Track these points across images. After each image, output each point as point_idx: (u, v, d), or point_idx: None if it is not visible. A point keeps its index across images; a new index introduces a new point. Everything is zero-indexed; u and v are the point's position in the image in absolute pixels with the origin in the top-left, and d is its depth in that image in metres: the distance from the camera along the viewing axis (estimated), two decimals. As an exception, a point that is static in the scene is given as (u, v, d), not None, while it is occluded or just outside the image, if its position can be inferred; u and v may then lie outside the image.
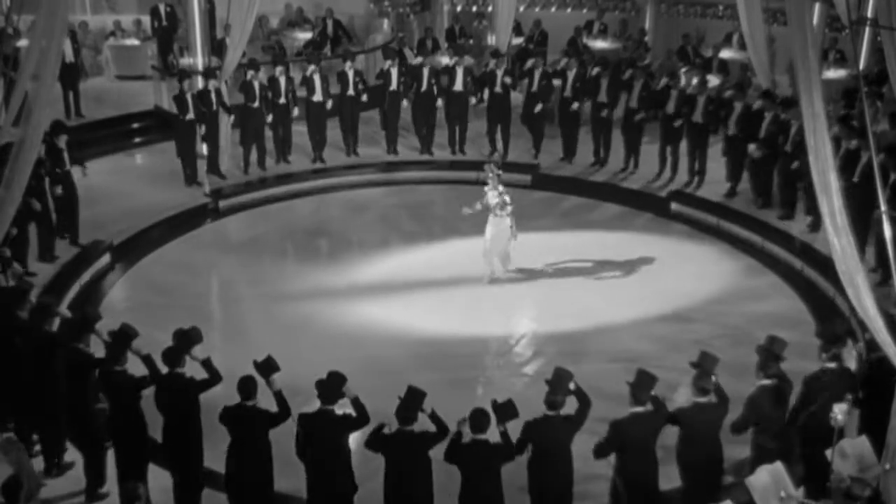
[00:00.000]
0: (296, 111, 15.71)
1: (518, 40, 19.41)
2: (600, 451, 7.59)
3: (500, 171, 12.00)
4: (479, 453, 7.30)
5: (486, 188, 11.98)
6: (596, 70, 16.01)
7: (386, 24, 20.48)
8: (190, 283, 12.39)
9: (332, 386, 7.53)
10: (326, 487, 7.64)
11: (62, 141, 12.74)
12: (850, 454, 7.65)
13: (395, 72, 16.03)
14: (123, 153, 15.98)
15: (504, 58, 16.58)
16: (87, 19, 19.57)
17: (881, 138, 12.88)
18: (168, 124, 15.45)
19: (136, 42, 19.22)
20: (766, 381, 7.85)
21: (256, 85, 15.12)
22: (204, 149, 15.24)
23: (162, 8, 18.33)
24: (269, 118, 15.42)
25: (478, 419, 7.25)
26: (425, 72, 16.10)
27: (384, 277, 12.55)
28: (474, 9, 21.50)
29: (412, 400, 7.44)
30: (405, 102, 16.41)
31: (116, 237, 13.26)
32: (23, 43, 11.95)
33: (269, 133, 15.66)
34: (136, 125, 16.81)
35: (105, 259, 12.74)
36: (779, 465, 7.43)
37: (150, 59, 18.62)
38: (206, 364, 8.07)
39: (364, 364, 9.16)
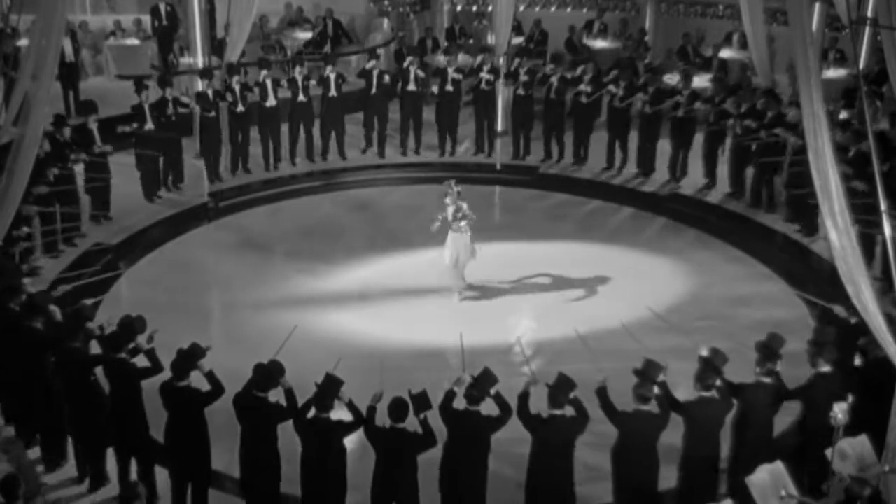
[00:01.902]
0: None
1: (518, 40, 19.41)
2: (522, 406, 7.64)
3: (459, 189, 11.68)
4: (395, 440, 7.44)
5: (446, 202, 11.64)
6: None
7: (386, 23, 20.47)
8: (188, 282, 12.39)
9: (269, 375, 7.70)
10: (257, 470, 7.86)
11: (92, 121, 13.12)
12: (850, 454, 7.65)
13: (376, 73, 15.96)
14: (123, 153, 15.94)
15: (454, 57, 16.58)
16: (87, 19, 19.55)
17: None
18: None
19: (136, 42, 19.20)
20: (705, 393, 7.77)
21: (211, 94, 14.83)
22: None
23: (162, 7, 18.33)
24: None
25: (397, 410, 7.39)
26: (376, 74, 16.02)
27: (381, 280, 12.54)
28: (474, 8, 21.50)
29: (329, 388, 7.58)
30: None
31: (116, 237, 13.29)
32: (23, 42, 11.97)
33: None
34: (136, 125, 16.75)
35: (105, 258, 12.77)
36: (779, 464, 7.43)
37: (151, 58, 18.61)
38: (149, 354, 8.26)
39: (359, 365, 9.13)
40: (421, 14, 21.37)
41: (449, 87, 16.17)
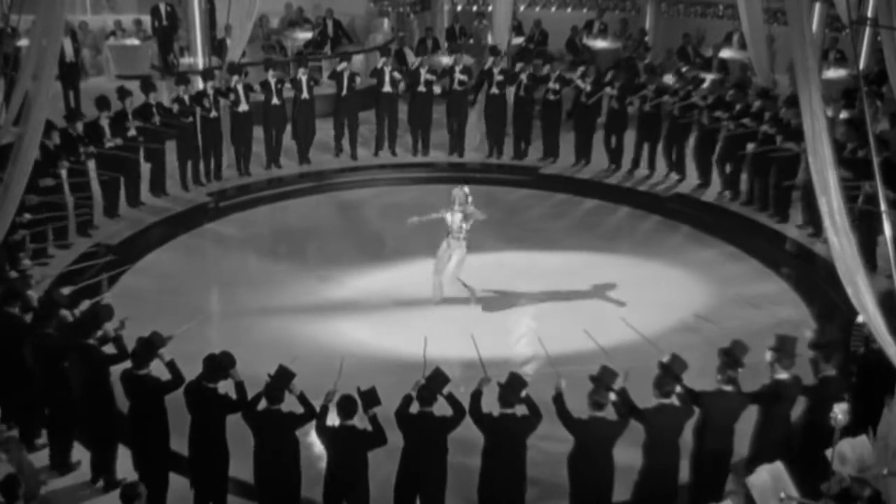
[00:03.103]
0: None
1: (518, 40, 19.43)
2: (473, 405, 7.66)
3: (470, 196, 11.40)
4: (345, 437, 7.46)
5: (454, 208, 11.33)
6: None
7: (386, 24, 20.49)
8: (187, 282, 12.39)
9: (219, 366, 7.76)
10: (205, 459, 7.94)
11: (104, 117, 13.30)
12: (850, 457, 7.64)
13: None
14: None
15: (426, 58, 16.74)
16: (87, 19, 19.58)
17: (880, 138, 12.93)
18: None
19: (136, 42, 19.21)
20: (664, 400, 7.70)
21: (187, 99, 14.69)
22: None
23: (162, 8, 18.34)
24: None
25: (345, 405, 7.41)
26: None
27: (376, 284, 12.51)
28: (474, 8, 21.52)
29: (280, 379, 7.62)
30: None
31: (116, 237, 13.34)
32: (23, 43, 12.00)
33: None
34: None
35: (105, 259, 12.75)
36: (779, 465, 7.42)
37: (151, 58, 18.62)
38: (117, 341, 8.43)
39: (360, 366, 9.15)
40: (421, 14, 21.40)
41: (421, 88, 16.21)
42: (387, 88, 16.12)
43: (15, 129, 9.62)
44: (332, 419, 7.56)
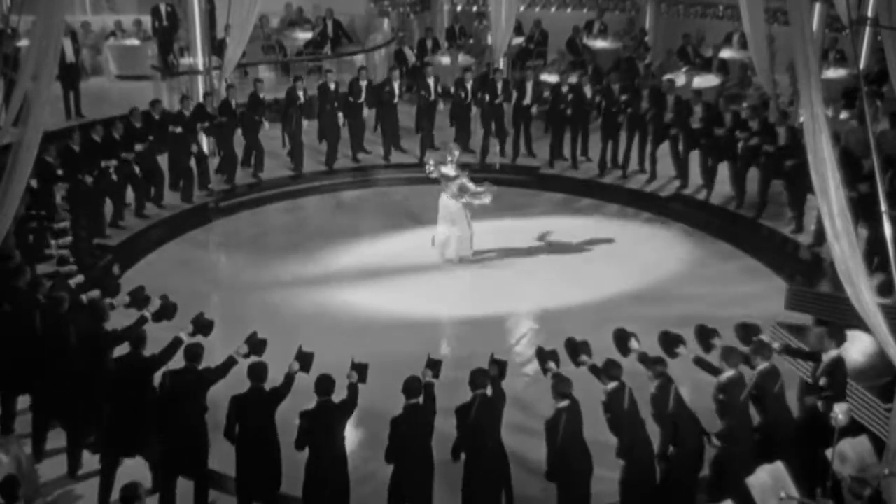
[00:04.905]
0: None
1: (518, 40, 19.43)
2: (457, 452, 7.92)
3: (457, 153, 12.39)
4: (323, 411, 7.63)
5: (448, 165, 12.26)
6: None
7: (386, 24, 20.49)
8: (188, 282, 12.39)
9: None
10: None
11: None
12: (850, 456, 7.65)
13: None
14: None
15: (397, 71, 16.77)
16: (87, 19, 19.59)
17: (881, 139, 12.94)
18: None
19: (136, 42, 19.22)
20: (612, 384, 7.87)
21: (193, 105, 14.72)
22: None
23: (162, 8, 18.32)
24: None
25: (322, 383, 7.64)
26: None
27: (379, 274, 12.70)
28: (474, 9, 21.52)
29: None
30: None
31: (116, 237, 13.34)
32: (23, 43, 12.00)
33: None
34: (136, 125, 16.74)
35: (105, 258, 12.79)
36: (779, 465, 7.42)
37: (151, 59, 18.61)
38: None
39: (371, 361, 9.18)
40: (421, 14, 21.41)
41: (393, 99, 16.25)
42: (360, 99, 16.10)
43: (14, 129, 9.60)
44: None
